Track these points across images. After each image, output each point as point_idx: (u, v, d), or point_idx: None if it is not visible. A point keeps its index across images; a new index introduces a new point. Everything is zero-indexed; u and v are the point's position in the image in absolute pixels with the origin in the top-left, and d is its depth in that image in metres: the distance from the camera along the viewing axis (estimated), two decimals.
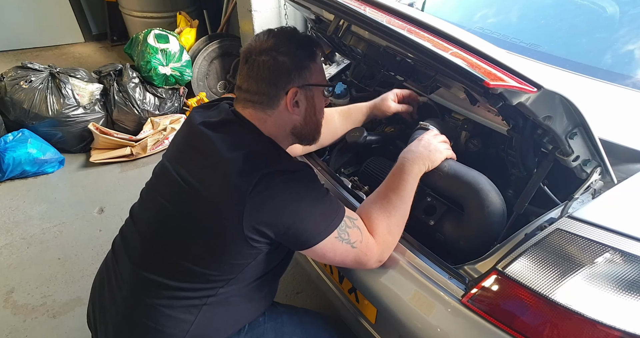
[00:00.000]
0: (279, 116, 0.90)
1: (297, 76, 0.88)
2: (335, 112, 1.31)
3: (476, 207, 0.95)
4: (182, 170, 0.88)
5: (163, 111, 2.86)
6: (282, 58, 0.86)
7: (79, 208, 2.29)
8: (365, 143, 1.26)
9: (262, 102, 0.89)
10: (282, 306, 1.12)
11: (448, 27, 0.73)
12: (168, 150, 0.99)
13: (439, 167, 1.04)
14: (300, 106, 0.91)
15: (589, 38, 1.31)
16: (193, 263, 0.86)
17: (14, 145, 2.39)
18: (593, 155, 0.85)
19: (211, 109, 0.97)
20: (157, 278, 0.88)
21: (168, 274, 0.88)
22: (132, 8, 3.50)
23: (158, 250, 0.90)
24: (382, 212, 0.94)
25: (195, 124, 0.91)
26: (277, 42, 0.87)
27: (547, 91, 0.66)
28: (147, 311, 0.89)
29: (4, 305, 1.75)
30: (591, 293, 0.69)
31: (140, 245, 0.93)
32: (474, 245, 0.96)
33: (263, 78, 0.87)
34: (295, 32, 0.91)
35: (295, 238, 0.83)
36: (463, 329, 0.81)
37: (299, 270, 1.94)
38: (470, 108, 1.15)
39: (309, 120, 0.94)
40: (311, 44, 0.91)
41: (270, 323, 1.03)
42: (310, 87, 0.91)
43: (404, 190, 0.98)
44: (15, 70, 2.60)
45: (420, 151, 1.04)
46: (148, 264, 0.90)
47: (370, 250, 0.90)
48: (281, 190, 0.80)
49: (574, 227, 0.77)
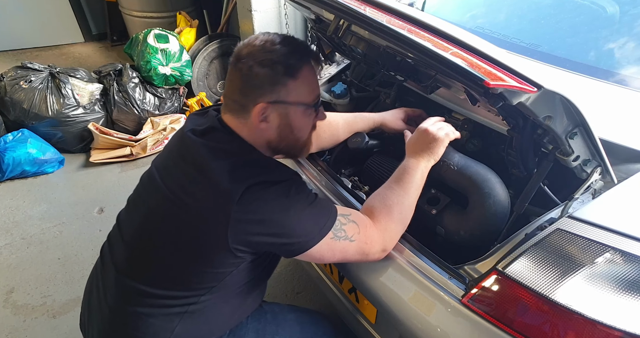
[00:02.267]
0: (251, 127, 0.86)
1: (269, 91, 0.82)
2: (340, 118, 1.26)
3: (481, 196, 0.96)
4: (167, 178, 0.87)
5: (163, 111, 2.86)
6: (257, 70, 0.80)
7: (79, 208, 2.29)
8: (367, 148, 1.26)
9: (235, 110, 0.86)
10: (267, 305, 1.11)
11: (448, 27, 0.73)
12: (157, 157, 0.98)
13: (449, 158, 1.04)
14: (270, 122, 0.85)
15: (589, 38, 1.31)
16: (175, 272, 0.85)
17: (14, 145, 2.39)
18: (593, 155, 0.85)
19: (203, 116, 0.96)
20: (139, 286, 0.87)
21: (149, 282, 0.87)
22: (132, 8, 3.50)
23: (140, 257, 0.89)
24: (385, 203, 0.93)
25: (184, 131, 0.90)
26: (259, 51, 0.81)
27: (547, 91, 0.66)
28: (128, 318, 0.88)
29: (4, 305, 1.75)
30: (591, 294, 0.69)
31: (124, 252, 0.92)
32: (475, 235, 0.96)
33: (237, 86, 0.84)
34: (287, 41, 0.84)
35: (286, 247, 0.82)
36: (463, 329, 0.81)
37: (299, 270, 1.94)
38: (470, 108, 1.15)
39: (284, 137, 0.89)
40: (298, 58, 0.83)
41: (253, 323, 1.02)
42: (284, 104, 0.84)
43: (409, 183, 0.96)
44: (15, 70, 2.60)
45: (421, 147, 1.02)
46: (130, 271, 0.90)
47: (371, 239, 0.89)
48: (267, 201, 0.78)
49: (574, 227, 0.76)
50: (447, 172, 1.04)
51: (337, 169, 1.36)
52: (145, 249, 0.89)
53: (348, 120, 1.27)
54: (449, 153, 1.07)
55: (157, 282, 0.87)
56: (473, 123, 1.19)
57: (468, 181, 1.00)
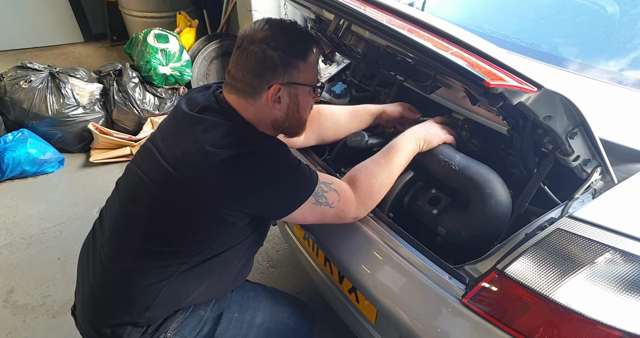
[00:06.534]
0: (260, 107, 0.91)
1: (282, 73, 0.87)
2: (343, 110, 1.31)
3: (483, 196, 0.96)
4: (161, 145, 0.92)
5: (163, 111, 2.86)
6: (270, 52, 0.85)
7: (78, 208, 2.29)
8: (367, 147, 1.26)
9: (245, 91, 0.90)
10: (250, 283, 1.18)
11: (448, 26, 0.73)
12: (158, 127, 1.03)
13: (450, 158, 1.05)
14: (282, 102, 0.91)
15: (589, 38, 1.31)
16: (168, 231, 0.89)
17: (14, 145, 2.39)
18: (593, 155, 0.84)
19: (201, 92, 0.99)
20: (132, 245, 0.92)
21: (142, 241, 0.91)
22: (132, 8, 3.50)
23: (133, 216, 0.93)
24: (369, 178, 1.01)
25: (179, 104, 0.95)
26: (270, 35, 0.86)
27: (548, 91, 0.66)
28: (120, 275, 0.93)
29: (4, 305, 1.75)
30: (591, 293, 0.69)
31: (118, 211, 0.96)
32: (476, 235, 0.96)
33: (249, 68, 0.87)
34: (293, 27, 0.90)
35: (271, 210, 0.91)
36: (463, 329, 0.81)
37: (299, 271, 1.94)
38: (470, 108, 1.15)
39: (291, 116, 0.95)
40: (306, 42, 0.90)
41: (237, 297, 1.10)
42: (295, 85, 0.91)
43: (393, 162, 1.03)
44: (15, 70, 2.60)
45: (419, 131, 1.10)
46: (125, 230, 0.94)
47: (348, 207, 0.97)
48: (253, 168, 0.84)
49: (574, 227, 0.76)
50: (448, 172, 1.04)
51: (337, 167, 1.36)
52: (137, 210, 0.93)
53: (350, 112, 1.32)
54: (450, 153, 1.07)
55: (150, 240, 0.91)
56: (473, 123, 1.19)
57: (469, 181, 1.00)
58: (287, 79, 0.88)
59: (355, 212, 0.99)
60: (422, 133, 1.09)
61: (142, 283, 0.91)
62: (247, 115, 0.92)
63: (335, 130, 1.30)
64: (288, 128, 0.98)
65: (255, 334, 1.07)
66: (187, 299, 0.98)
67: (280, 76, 0.88)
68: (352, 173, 1.03)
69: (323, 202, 0.92)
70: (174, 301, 0.96)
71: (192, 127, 0.88)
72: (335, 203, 0.94)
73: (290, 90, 0.91)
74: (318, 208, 0.92)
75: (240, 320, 1.07)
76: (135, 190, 0.94)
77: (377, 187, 1.01)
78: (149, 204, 0.91)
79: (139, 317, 0.93)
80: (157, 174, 0.90)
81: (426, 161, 1.10)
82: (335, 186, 0.95)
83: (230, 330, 1.04)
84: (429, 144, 1.09)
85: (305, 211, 0.91)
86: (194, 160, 0.85)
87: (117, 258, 0.93)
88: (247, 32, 0.89)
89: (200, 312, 1.03)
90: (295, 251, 1.50)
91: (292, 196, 0.89)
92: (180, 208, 0.87)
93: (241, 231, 0.93)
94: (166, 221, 0.89)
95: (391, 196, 1.09)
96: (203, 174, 0.83)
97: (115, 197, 1.00)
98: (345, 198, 0.96)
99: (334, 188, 0.95)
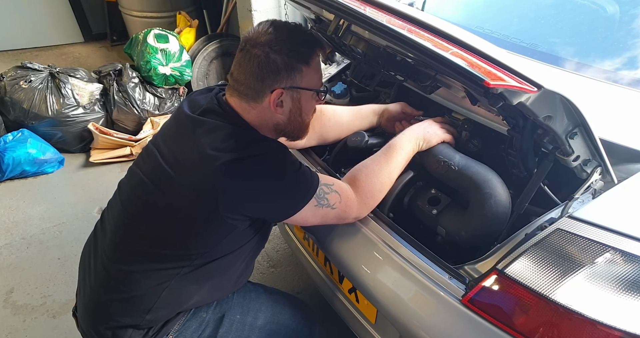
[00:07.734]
0: (262, 111, 0.91)
1: (285, 77, 0.87)
2: (346, 110, 1.31)
3: (483, 196, 0.96)
4: (162, 147, 0.92)
5: (163, 111, 2.86)
6: (274, 56, 0.85)
7: (78, 208, 2.29)
8: (367, 147, 1.25)
9: (247, 95, 0.89)
10: (252, 284, 1.18)
11: (448, 26, 0.73)
12: (160, 129, 1.03)
13: (449, 158, 1.05)
14: (284, 106, 0.91)
15: (589, 38, 1.31)
16: (169, 235, 0.89)
17: (14, 145, 2.39)
18: (593, 155, 0.84)
19: (204, 94, 0.99)
20: (134, 247, 0.91)
21: (144, 243, 0.91)
22: (132, 8, 3.50)
23: (134, 218, 0.93)
24: (369, 178, 1.00)
25: (182, 106, 0.95)
26: (274, 38, 0.85)
27: (548, 91, 0.66)
28: (121, 277, 0.93)
29: (4, 305, 1.75)
30: (591, 293, 0.69)
31: (120, 213, 0.96)
32: (476, 236, 0.96)
33: (251, 71, 0.87)
34: (297, 30, 0.89)
35: (273, 213, 0.91)
36: (463, 329, 0.81)
37: (299, 271, 1.94)
38: (470, 108, 1.15)
39: (293, 120, 0.95)
40: (310, 46, 0.89)
41: (239, 299, 1.10)
42: (298, 89, 0.90)
43: (393, 161, 1.03)
44: (15, 70, 2.60)
45: (418, 130, 1.10)
46: (126, 232, 0.94)
47: (350, 208, 0.97)
48: (254, 171, 0.84)
49: (574, 227, 0.76)
50: (448, 172, 1.04)
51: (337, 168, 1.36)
52: (138, 213, 0.93)
53: (353, 112, 1.32)
54: (449, 153, 1.07)
55: (151, 244, 0.91)
56: (473, 123, 1.19)
57: (469, 181, 1.00)
58: (290, 83, 0.88)
59: (356, 212, 0.99)
60: (421, 132, 1.09)
61: (144, 286, 0.91)
62: (249, 118, 0.91)
63: (338, 130, 1.30)
64: (290, 132, 0.98)
65: (257, 336, 1.07)
66: (188, 302, 0.98)
67: (283, 80, 0.87)
68: (352, 173, 1.03)
69: (325, 204, 0.92)
70: (176, 303, 0.96)
71: (193, 130, 0.87)
72: (337, 204, 0.94)
73: (293, 95, 0.91)
74: (320, 210, 0.92)
75: (242, 321, 1.06)
76: (137, 192, 0.94)
77: (377, 186, 1.01)
78: (150, 206, 0.91)
79: (140, 319, 0.93)
80: (158, 176, 0.90)
81: (426, 161, 1.10)
82: (336, 187, 0.95)
83: (232, 332, 1.04)
84: (428, 142, 1.09)
85: (307, 213, 0.91)
86: (194, 163, 0.84)
87: (119, 260, 0.93)
88: (250, 34, 0.88)
89: (202, 314, 1.03)
90: (295, 251, 1.50)
91: (293, 199, 0.89)
92: (181, 211, 0.87)
93: (242, 234, 0.93)
94: (167, 223, 0.89)
95: (391, 196, 1.09)
96: (203, 177, 0.83)
97: (117, 199, 1.00)
98: (346, 199, 0.96)
99: (335, 189, 0.94)
